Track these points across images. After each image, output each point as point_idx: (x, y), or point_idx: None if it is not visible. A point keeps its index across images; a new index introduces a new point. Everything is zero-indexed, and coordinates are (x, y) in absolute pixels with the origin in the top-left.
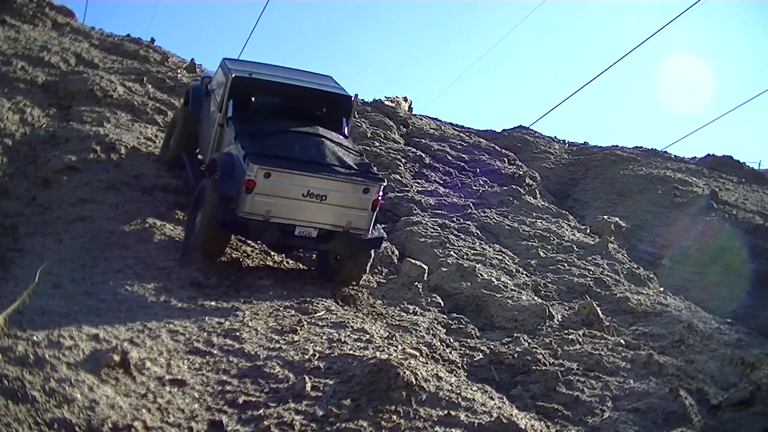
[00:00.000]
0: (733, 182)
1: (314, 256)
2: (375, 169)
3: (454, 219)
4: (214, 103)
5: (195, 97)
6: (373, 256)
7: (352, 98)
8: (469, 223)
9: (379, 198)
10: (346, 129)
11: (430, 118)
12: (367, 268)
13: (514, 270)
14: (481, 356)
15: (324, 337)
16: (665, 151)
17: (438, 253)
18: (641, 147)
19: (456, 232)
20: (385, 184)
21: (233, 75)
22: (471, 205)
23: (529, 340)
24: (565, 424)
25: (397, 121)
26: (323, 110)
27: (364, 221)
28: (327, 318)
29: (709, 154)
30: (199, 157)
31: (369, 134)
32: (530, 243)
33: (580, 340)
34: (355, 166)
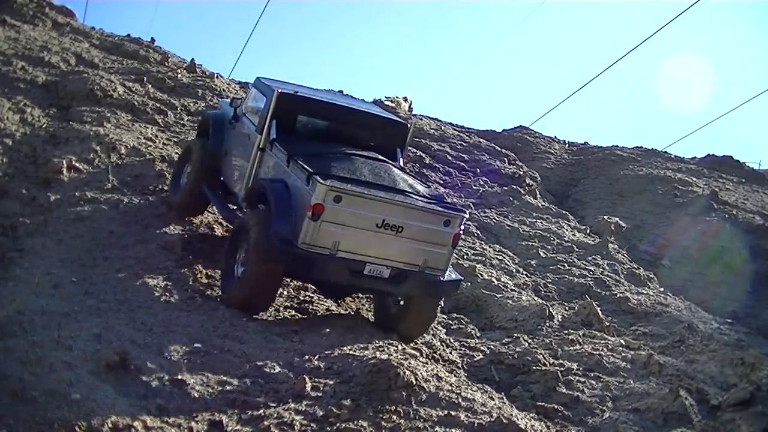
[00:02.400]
0: (733, 182)
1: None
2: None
3: None
4: (247, 126)
5: (217, 126)
6: (443, 302)
7: (409, 126)
8: (469, 223)
9: (460, 233)
10: (401, 160)
11: (430, 118)
12: (437, 317)
13: (514, 270)
14: (481, 356)
15: (324, 337)
16: (665, 151)
17: None
18: (641, 147)
19: None
20: (467, 216)
21: (278, 92)
22: (471, 205)
23: (529, 340)
24: (565, 424)
25: None
26: (376, 137)
27: (442, 260)
28: (327, 318)
29: (709, 154)
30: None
31: None
32: (530, 243)
33: (580, 340)
34: (428, 196)
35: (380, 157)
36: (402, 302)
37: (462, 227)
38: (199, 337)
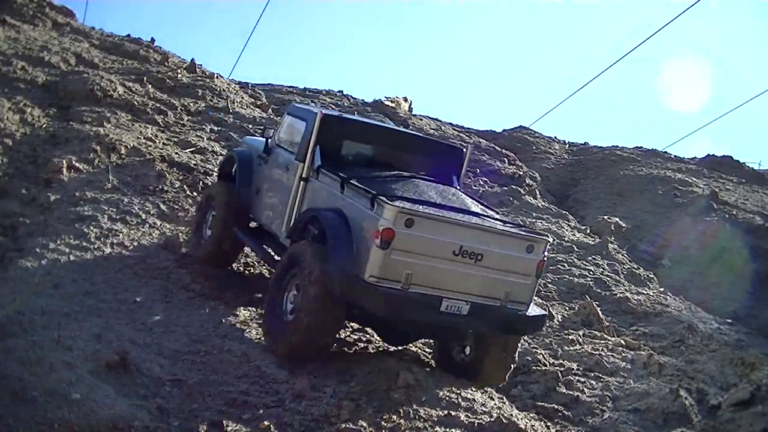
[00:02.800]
0: (733, 182)
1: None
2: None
3: None
4: (284, 157)
5: (244, 163)
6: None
7: (465, 151)
8: None
9: (545, 260)
10: (458, 188)
11: (430, 118)
12: (516, 358)
13: None
14: None
15: None
16: (665, 151)
17: None
18: (641, 147)
19: None
20: (550, 241)
21: (322, 114)
22: None
23: (529, 340)
24: (565, 424)
25: (397, 121)
26: (430, 163)
27: (525, 291)
28: None
29: (709, 154)
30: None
31: None
32: None
33: (580, 340)
34: (504, 220)
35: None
36: (471, 346)
37: (546, 254)
38: (199, 337)
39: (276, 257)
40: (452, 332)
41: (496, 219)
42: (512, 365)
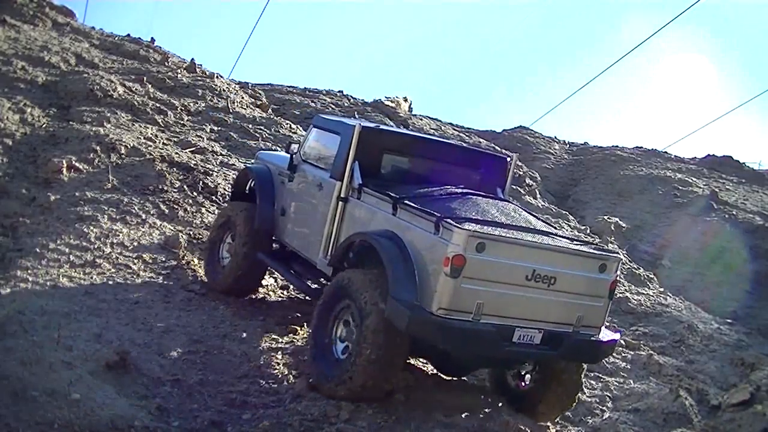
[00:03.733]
0: (733, 182)
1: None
2: None
3: None
4: (314, 175)
5: (265, 181)
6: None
7: (509, 161)
8: None
9: (617, 279)
10: None
11: (430, 118)
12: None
13: None
14: None
15: None
16: (665, 151)
17: None
18: (641, 147)
19: None
20: (622, 259)
21: (360, 127)
22: None
23: None
24: (565, 424)
25: (397, 121)
26: (473, 175)
27: (598, 314)
28: None
29: (709, 154)
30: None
31: None
32: None
33: None
34: (570, 237)
35: (495, 196)
36: (532, 373)
37: (618, 272)
38: (199, 337)
39: (313, 285)
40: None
41: (564, 237)
42: (578, 393)
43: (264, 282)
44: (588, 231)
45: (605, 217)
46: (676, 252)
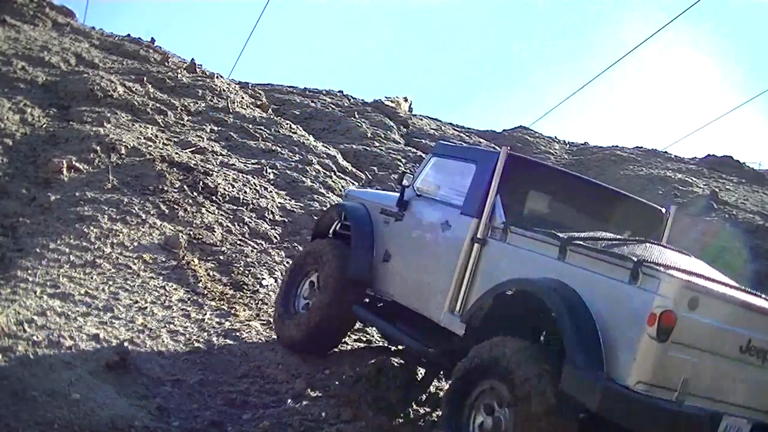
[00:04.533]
0: (733, 182)
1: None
2: None
3: None
4: (434, 211)
5: (363, 220)
6: None
7: (667, 214)
8: None
9: None
10: None
11: (430, 118)
12: None
13: None
14: None
15: None
16: (665, 151)
17: None
18: (641, 147)
19: None
20: None
21: (508, 152)
22: None
23: None
24: None
25: (397, 121)
26: (626, 224)
27: None
28: None
29: (709, 154)
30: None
31: (369, 134)
32: None
33: None
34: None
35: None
36: None
37: None
38: (199, 336)
39: (430, 349)
40: None
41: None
42: None
43: (265, 282)
44: None
45: None
46: None
